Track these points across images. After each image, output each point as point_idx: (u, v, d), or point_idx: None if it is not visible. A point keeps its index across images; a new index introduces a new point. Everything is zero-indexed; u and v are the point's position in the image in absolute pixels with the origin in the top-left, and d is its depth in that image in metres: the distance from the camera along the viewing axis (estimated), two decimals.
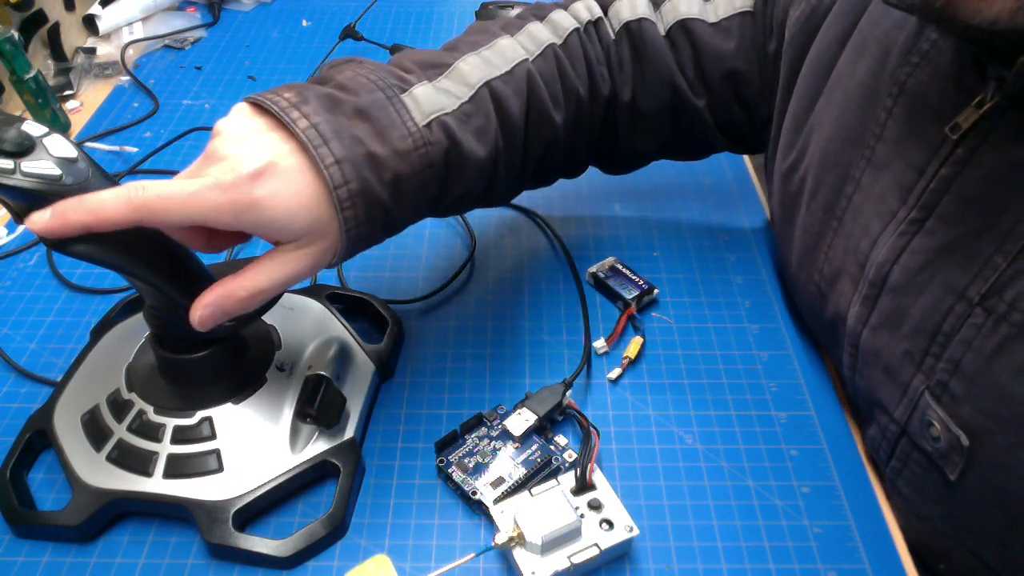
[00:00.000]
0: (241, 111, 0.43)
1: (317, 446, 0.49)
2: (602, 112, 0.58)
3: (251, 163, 0.40)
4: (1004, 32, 0.33)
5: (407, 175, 0.44)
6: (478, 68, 0.50)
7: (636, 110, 0.59)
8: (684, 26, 0.57)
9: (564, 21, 0.56)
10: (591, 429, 0.49)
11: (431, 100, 0.46)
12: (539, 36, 0.54)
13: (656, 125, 0.60)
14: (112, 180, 0.41)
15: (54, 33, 0.89)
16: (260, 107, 0.43)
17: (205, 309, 0.41)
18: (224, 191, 0.39)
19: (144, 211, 0.38)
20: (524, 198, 0.71)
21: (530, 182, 0.58)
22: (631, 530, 0.45)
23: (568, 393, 0.52)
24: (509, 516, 0.45)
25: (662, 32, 0.58)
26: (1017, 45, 0.34)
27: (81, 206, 0.38)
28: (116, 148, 0.77)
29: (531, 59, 0.53)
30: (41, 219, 0.38)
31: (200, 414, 0.48)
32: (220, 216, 0.39)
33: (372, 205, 0.43)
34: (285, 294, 0.50)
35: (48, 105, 0.79)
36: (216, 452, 0.47)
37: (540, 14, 0.57)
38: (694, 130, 0.61)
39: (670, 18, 0.57)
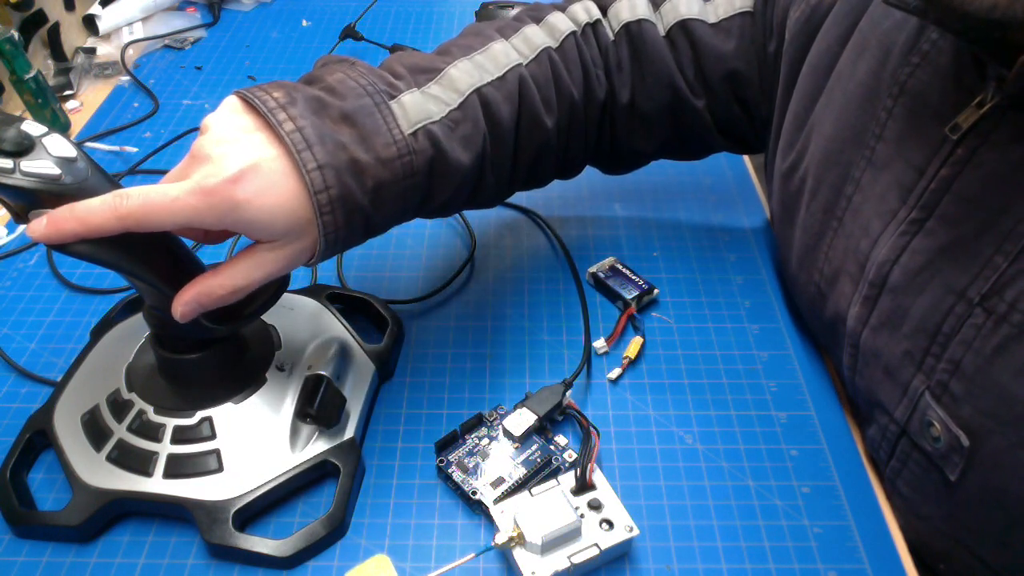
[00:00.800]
0: (230, 107, 0.43)
1: (317, 446, 0.49)
2: (597, 115, 0.58)
3: (233, 165, 0.40)
4: (1001, 21, 0.33)
5: (389, 182, 0.45)
6: (469, 74, 0.50)
7: (635, 111, 0.59)
8: (684, 27, 0.57)
9: (561, 24, 0.56)
10: (591, 429, 0.49)
11: (419, 108, 0.47)
12: (534, 40, 0.54)
13: (655, 126, 0.60)
14: (112, 180, 0.41)
15: (54, 33, 0.89)
16: (248, 104, 0.43)
17: (186, 306, 0.42)
18: (206, 195, 0.40)
19: (130, 220, 0.39)
20: (524, 198, 0.71)
21: (522, 184, 0.58)
22: (631, 530, 0.45)
23: (568, 393, 0.52)
24: (509, 516, 0.45)
25: (662, 33, 0.58)
26: (1017, 44, 0.34)
27: (72, 215, 0.38)
28: (116, 148, 0.77)
29: (525, 63, 0.53)
30: (38, 227, 0.39)
31: (200, 414, 0.48)
32: (203, 219, 0.40)
33: (352, 211, 0.43)
34: (285, 294, 0.50)
35: (48, 105, 0.79)
36: (216, 452, 0.47)
37: (537, 16, 0.56)
38: (693, 130, 0.61)
39: (670, 19, 0.57)
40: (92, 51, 0.93)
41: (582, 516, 0.45)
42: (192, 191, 0.40)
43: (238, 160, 0.40)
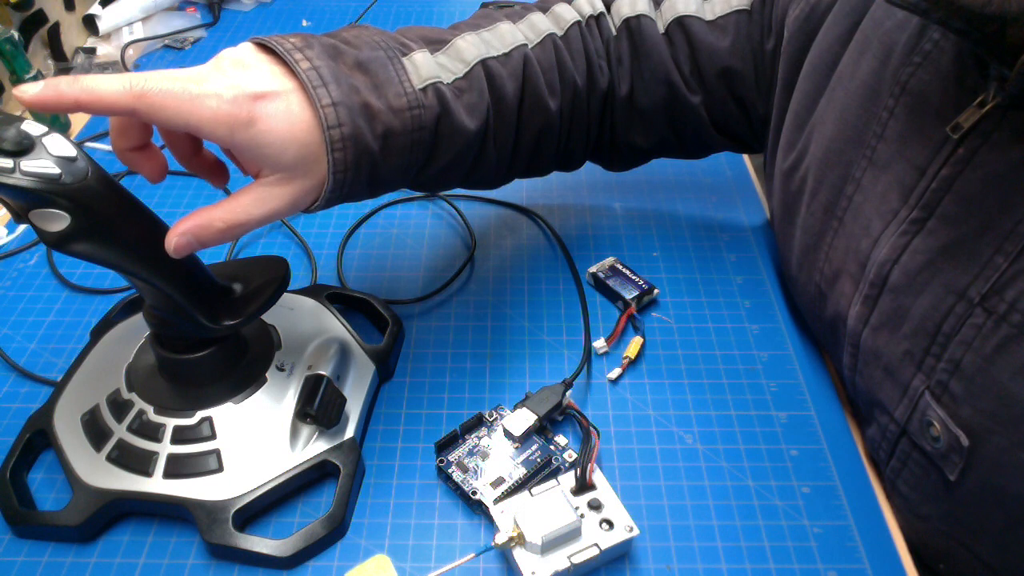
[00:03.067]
0: (247, 47, 0.44)
1: (317, 446, 0.49)
2: (599, 104, 0.59)
3: (255, 85, 0.41)
4: (996, 16, 0.33)
5: (398, 131, 0.45)
6: (475, 46, 0.51)
7: (633, 106, 0.60)
8: (681, 23, 0.58)
9: (566, 13, 0.57)
10: (591, 429, 0.49)
11: (429, 67, 0.48)
12: (540, 25, 0.56)
13: (653, 121, 0.60)
14: (111, 179, 0.41)
15: (54, 33, 0.89)
16: (266, 48, 0.43)
17: (182, 237, 0.41)
18: (226, 102, 0.40)
19: (142, 101, 0.38)
20: (524, 197, 0.71)
21: (523, 169, 0.59)
22: (631, 530, 0.45)
23: (568, 393, 0.52)
24: (509, 516, 0.45)
25: (661, 29, 0.58)
26: (1018, 43, 0.34)
27: (77, 82, 0.37)
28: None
29: (530, 46, 0.54)
30: (32, 88, 0.37)
31: (200, 414, 0.48)
32: (216, 127, 0.40)
33: (361, 152, 0.44)
34: (285, 294, 0.50)
35: None
36: (216, 452, 0.47)
37: (543, 7, 0.58)
38: (690, 127, 0.61)
39: (669, 16, 0.58)
40: (92, 51, 0.93)
41: (582, 516, 0.45)
42: (213, 95, 0.39)
43: (260, 83, 0.41)
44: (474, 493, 0.48)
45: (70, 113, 0.38)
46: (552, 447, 0.50)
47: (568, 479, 0.47)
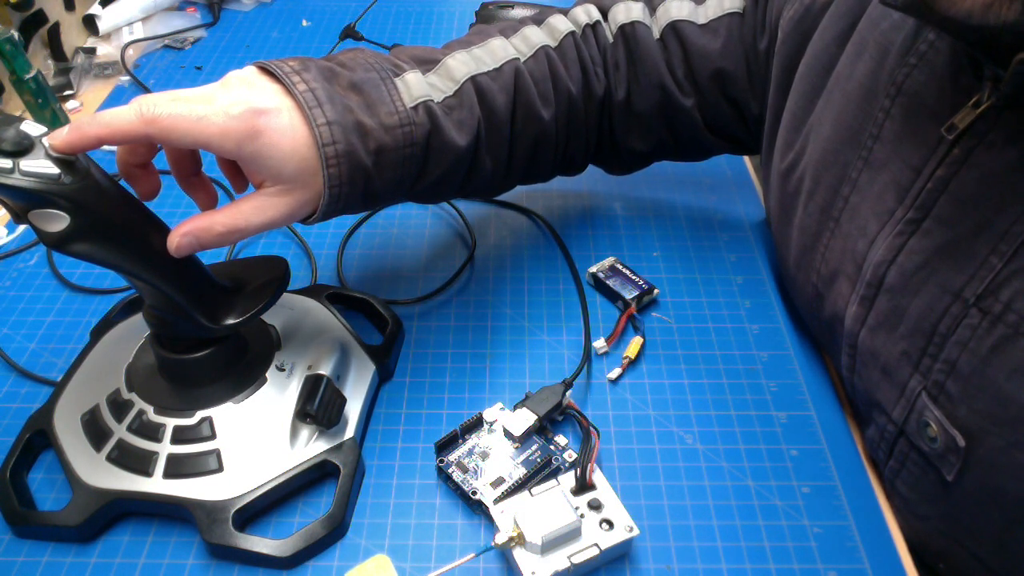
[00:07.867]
0: (251, 69, 0.46)
1: (317, 446, 0.49)
2: (597, 111, 0.59)
3: (259, 101, 0.43)
4: (978, 27, 0.33)
5: (390, 148, 0.47)
6: (465, 64, 0.52)
7: (630, 110, 0.60)
8: (674, 28, 0.58)
9: (560, 25, 0.58)
10: (591, 429, 0.49)
11: (420, 86, 0.49)
12: (532, 38, 0.56)
13: (650, 125, 0.61)
14: (112, 179, 0.42)
15: (54, 33, 0.89)
16: (266, 71, 0.45)
17: (183, 237, 0.43)
18: (232, 118, 0.42)
19: (154, 126, 0.40)
20: (524, 198, 0.71)
21: (523, 176, 0.60)
22: (631, 530, 0.45)
23: (568, 393, 0.52)
24: (509, 516, 0.45)
25: (656, 35, 0.59)
26: (1011, 44, 0.34)
27: (95, 120, 0.40)
28: (115, 148, 0.77)
29: (522, 59, 0.55)
30: (59, 135, 0.39)
31: (200, 414, 0.48)
32: (224, 142, 0.42)
33: (355, 168, 0.46)
34: (285, 294, 0.50)
35: (48, 105, 0.79)
36: (216, 452, 0.47)
37: (539, 19, 0.59)
38: (686, 130, 0.61)
39: (663, 21, 0.59)
40: (92, 51, 0.93)
41: (582, 516, 0.45)
42: (220, 112, 0.42)
43: (263, 100, 0.43)
44: (474, 493, 0.48)
45: (96, 149, 0.40)
46: (552, 447, 0.51)
47: (568, 479, 0.47)
